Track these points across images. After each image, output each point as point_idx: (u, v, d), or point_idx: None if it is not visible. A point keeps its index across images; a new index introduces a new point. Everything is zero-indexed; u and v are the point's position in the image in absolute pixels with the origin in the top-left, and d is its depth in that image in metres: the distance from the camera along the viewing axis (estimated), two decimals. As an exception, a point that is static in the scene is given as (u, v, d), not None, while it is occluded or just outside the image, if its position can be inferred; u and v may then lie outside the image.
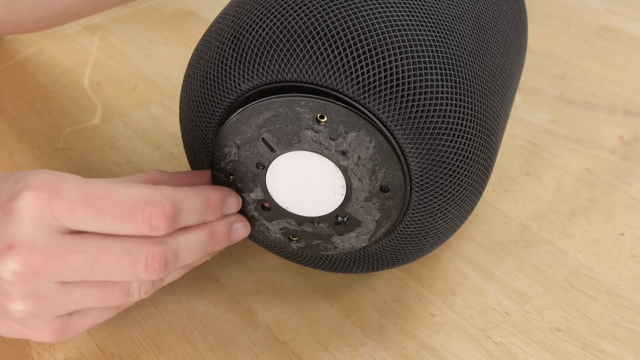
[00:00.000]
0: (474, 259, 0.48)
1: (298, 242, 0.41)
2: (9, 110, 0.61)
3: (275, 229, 0.40)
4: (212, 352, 0.42)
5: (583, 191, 0.53)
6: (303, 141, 0.36)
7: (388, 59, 0.36)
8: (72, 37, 0.71)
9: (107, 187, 0.35)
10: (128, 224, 0.34)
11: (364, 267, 0.43)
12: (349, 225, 0.39)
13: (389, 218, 0.38)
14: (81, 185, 0.35)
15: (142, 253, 0.35)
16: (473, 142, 0.38)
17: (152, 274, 0.35)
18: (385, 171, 0.37)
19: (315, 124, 0.36)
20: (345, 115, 0.35)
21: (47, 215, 0.34)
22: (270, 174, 0.38)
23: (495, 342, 0.43)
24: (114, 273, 0.35)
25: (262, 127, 0.36)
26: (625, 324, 0.44)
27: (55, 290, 0.35)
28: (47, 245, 0.34)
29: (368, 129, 0.36)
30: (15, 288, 0.34)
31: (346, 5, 0.37)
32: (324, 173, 0.37)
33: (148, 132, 0.59)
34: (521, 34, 0.47)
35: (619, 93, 0.64)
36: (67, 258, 0.34)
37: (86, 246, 0.34)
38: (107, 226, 0.34)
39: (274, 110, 0.36)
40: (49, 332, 0.37)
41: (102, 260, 0.35)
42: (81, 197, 0.34)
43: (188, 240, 0.37)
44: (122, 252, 0.35)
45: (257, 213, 0.40)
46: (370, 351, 0.42)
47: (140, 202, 0.34)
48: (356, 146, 0.36)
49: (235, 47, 0.38)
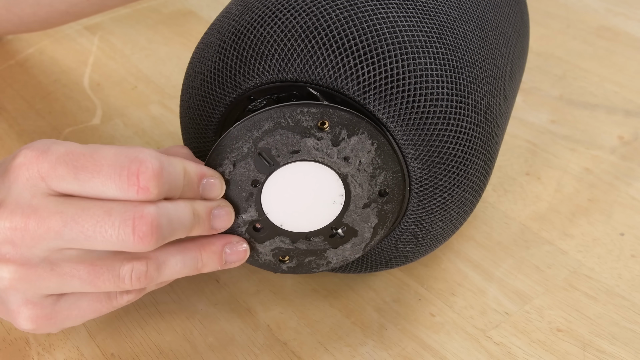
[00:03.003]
0: (474, 259, 0.48)
1: (289, 262, 0.39)
2: (9, 110, 0.61)
3: (266, 251, 0.39)
4: (212, 352, 0.42)
5: (583, 191, 0.54)
6: (304, 150, 0.36)
7: (389, 60, 0.36)
8: (72, 37, 0.71)
9: (92, 146, 0.33)
10: (110, 184, 0.32)
11: (363, 268, 0.43)
12: (344, 237, 0.39)
13: (385, 223, 0.38)
14: (70, 145, 0.33)
15: (127, 214, 0.32)
16: (473, 144, 0.38)
17: (144, 240, 0.32)
18: (385, 174, 0.37)
19: (317, 132, 0.35)
20: (347, 119, 0.35)
21: (34, 173, 0.33)
22: (266, 191, 0.37)
23: (495, 342, 0.43)
24: (94, 237, 0.32)
25: (261, 139, 0.35)
26: (625, 324, 0.44)
27: (40, 259, 0.33)
28: (29, 206, 0.32)
29: (370, 132, 0.35)
30: (2, 250, 0.33)
31: (347, 5, 0.37)
32: (323, 183, 0.37)
33: (148, 132, 0.59)
34: (522, 36, 0.47)
35: (619, 93, 0.64)
36: (46, 219, 0.32)
37: (66, 207, 0.32)
38: (87, 186, 0.32)
39: (274, 121, 0.35)
40: (31, 316, 0.35)
41: (79, 221, 0.32)
42: (64, 156, 0.32)
43: (177, 211, 0.34)
44: (101, 212, 0.32)
45: (247, 235, 0.38)
46: (370, 351, 0.42)
47: (124, 159, 0.32)
48: (358, 150, 0.36)
49: (236, 45, 0.38)
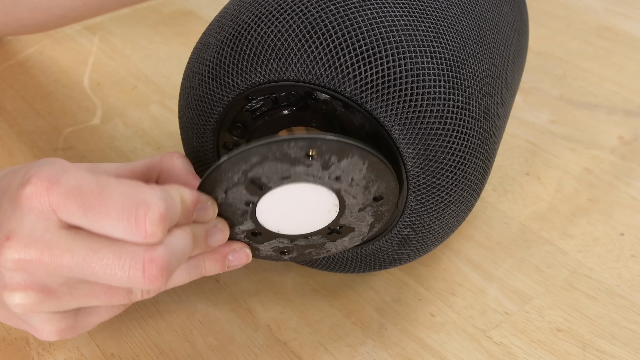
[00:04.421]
0: (474, 259, 0.48)
1: (290, 254, 0.40)
2: (9, 110, 0.61)
3: (267, 249, 0.39)
4: (212, 352, 0.42)
5: (583, 191, 0.53)
6: (294, 176, 0.35)
7: (386, 59, 0.36)
8: (72, 37, 0.71)
9: (100, 181, 0.33)
10: (119, 227, 0.32)
11: (362, 267, 0.43)
12: (342, 233, 0.39)
13: (382, 220, 0.38)
14: (79, 176, 0.33)
15: (137, 258, 0.32)
16: (471, 143, 0.38)
17: (154, 282, 0.32)
18: (379, 185, 0.36)
19: (306, 159, 0.34)
20: (336, 146, 0.34)
21: (46, 206, 0.33)
22: (261, 208, 0.36)
23: (495, 342, 0.43)
24: (106, 278, 0.33)
25: (250, 171, 0.35)
26: (625, 324, 0.44)
27: (58, 285, 0.34)
28: (42, 240, 0.33)
29: (360, 154, 0.35)
30: (16, 279, 0.33)
31: (345, 5, 0.37)
32: (316, 197, 0.36)
33: (148, 132, 0.59)
34: (521, 35, 0.47)
35: (619, 93, 0.64)
36: (58, 257, 0.33)
37: (77, 245, 0.33)
38: (96, 225, 0.32)
39: (262, 155, 0.34)
40: (55, 331, 0.36)
41: (90, 263, 0.32)
42: (73, 190, 0.33)
43: (181, 243, 0.34)
44: (111, 255, 0.32)
45: (247, 240, 0.39)
46: (370, 351, 0.42)
47: (131, 203, 0.32)
48: (349, 170, 0.35)
49: (234, 45, 0.38)
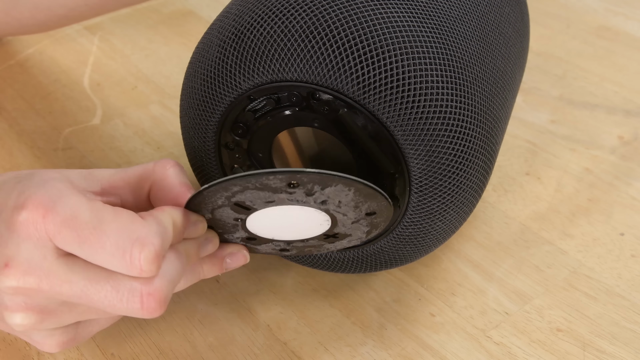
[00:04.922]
0: (474, 259, 0.48)
1: (290, 252, 0.40)
2: (9, 110, 0.61)
3: (265, 249, 0.40)
4: (212, 352, 0.42)
5: (583, 191, 0.53)
6: (279, 201, 0.35)
7: (389, 59, 0.36)
8: (72, 37, 0.71)
9: (95, 212, 0.33)
10: (114, 262, 0.32)
11: (363, 268, 0.43)
12: (338, 237, 0.39)
13: (378, 228, 0.38)
14: (74, 204, 0.33)
15: (134, 292, 0.33)
16: (473, 144, 0.38)
17: (152, 313, 0.33)
18: (370, 204, 0.36)
19: (288, 188, 0.34)
20: (317, 177, 0.34)
21: (42, 233, 0.33)
22: (251, 222, 0.37)
23: (495, 342, 0.43)
24: (105, 307, 0.33)
25: (232, 197, 0.35)
26: (625, 324, 0.44)
27: (58, 304, 0.34)
28: (40, 269, 0.33)
29: (345, 182, 0.34)
30: (16, 301, 0.34)
31: (347, 5, 0.37)
32: (306, 214, 0.36)
33: (148, 132, 0.59)
34: (523, 36, 0.47)
35: (619, 93, 0.64)
36: (57, 286, 0.33)
37: (75, 276, 0.33)
38: (92, 258, 0.33)
39: (242, 186, 0.34)
40: (57, 344, 0.36)
41: (89, 294, 0.33)
42: (69, 220, 0.32)
43: (176, 267, 0.34)
44: (108, 287, 0.33)
45: (244, 243, 0.39)
46: (370, 351, 0.42)
47: (126, 241, 0.32)
48: (335, 195, 0.35)
49: (236, 45, 0.38)
